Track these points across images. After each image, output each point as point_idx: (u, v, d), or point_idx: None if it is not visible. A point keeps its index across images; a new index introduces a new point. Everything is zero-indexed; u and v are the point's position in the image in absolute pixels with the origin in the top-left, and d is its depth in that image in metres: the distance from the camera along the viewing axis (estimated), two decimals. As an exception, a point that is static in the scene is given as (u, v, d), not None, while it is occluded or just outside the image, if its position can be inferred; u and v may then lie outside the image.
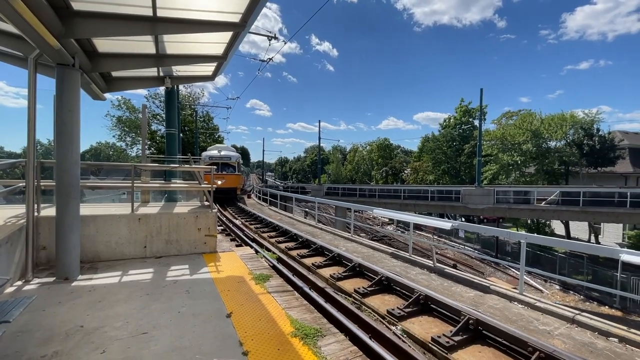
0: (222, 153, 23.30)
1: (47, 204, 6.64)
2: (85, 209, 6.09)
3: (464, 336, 4.20)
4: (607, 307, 17.09)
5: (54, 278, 4.81)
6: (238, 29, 5.15)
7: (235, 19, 5.00)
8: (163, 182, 8.79)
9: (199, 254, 6.51)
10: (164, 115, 32.93)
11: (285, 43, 13.88)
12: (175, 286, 4.70)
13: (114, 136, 35.94)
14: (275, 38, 13.88)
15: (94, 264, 5.60)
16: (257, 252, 7.99)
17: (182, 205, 7.90)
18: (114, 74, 7.35)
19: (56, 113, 4.78)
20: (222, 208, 19.92)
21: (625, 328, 4.54)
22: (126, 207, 6.64)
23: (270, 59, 14.57)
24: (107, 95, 7.71)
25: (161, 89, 31.12)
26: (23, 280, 4.67)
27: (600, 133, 28.49)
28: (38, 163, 5.37)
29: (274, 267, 6.72)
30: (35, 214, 5.17)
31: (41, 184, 5.67)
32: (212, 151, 24.08)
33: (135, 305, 3.99)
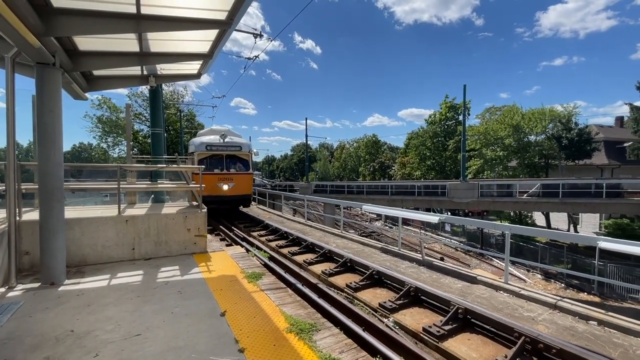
0: (228, 140, 14.64)
1: (28, 208, 6.43)
2: (69, 212, 5.93)
3: (454, 325, 4.33)
4: (586, 293, 17.85)
5: (39, 283, 4.68)
6: (224, 26, 5.11)
7: (222, 16, 4.95)
8: (150, 182, 8.63)
9: (189, 254, 6.45)
10: (146, 115, 32.23)
11: (270, 41, 13.79)
12: (167, 287, 4.66)
13: (94, 137, 34.90)
14: (260, 36, 13.74)
15: (81, 268, 5.48)
16: (248, 250, 7.97)
17: (170, 205, 7.79)
18: (96, 72, 7.17)
19: (37, 114, 4.64)
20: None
21: (603, 312, 4.79)
22: (111, 209, 6.50)
23: (256, 56, 14.44)
24: (88, 94, 7.51)
25: (143, 88, 30.44)
26: (6, 287, 4.53)
27: (578, 126, 29.59)
28: (18, 165, 5.19)
29: (265, 265, 6.73)
30: (17, 218, 5.01)
31: (22, 187, 5.49)
32: (210, 136, 15.10)
33: (127, 308, 3.93)
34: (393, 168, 55.81)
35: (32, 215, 5.73)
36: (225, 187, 13.67)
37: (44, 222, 4.70)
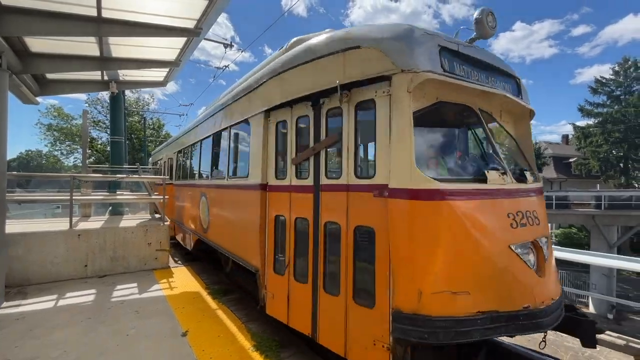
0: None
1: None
2: (13, 226, 5.41)
3: (420, 335, 4.40)
4: (540, 299, 19.02)
5: (-28, 307, 4.18)
6: (192, 35, 5.02)
7: (190, 24, 4.87)
8: (107, 193, 8.10)
9: (149, 270, 6.08)
10: (106, 122, 30.47)
11: (241, 52, 13.73)
12: (123, 307, 4.34)
13: (46, 145, 32.35)
14: (231, 46, 13.64)
15: (23, 288, 4.96)
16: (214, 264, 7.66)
17: (130, 218, 7.34)
18: (50, 76, 6.71)
19: (-23, 118, 4.23)
20: None
21: (555, 316, 5.11)
22: (63, 222, 6.01)
23: (226, 66, 14.27)
24: (40, 98, 7.00)
25: (103, 93, 28.86)
26: None
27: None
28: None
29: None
30: (-52, 233, 4.46)
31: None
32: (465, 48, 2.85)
33: (76, 331, 3.60)
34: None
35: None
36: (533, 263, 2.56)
37: (-19, 237, 4.23)
